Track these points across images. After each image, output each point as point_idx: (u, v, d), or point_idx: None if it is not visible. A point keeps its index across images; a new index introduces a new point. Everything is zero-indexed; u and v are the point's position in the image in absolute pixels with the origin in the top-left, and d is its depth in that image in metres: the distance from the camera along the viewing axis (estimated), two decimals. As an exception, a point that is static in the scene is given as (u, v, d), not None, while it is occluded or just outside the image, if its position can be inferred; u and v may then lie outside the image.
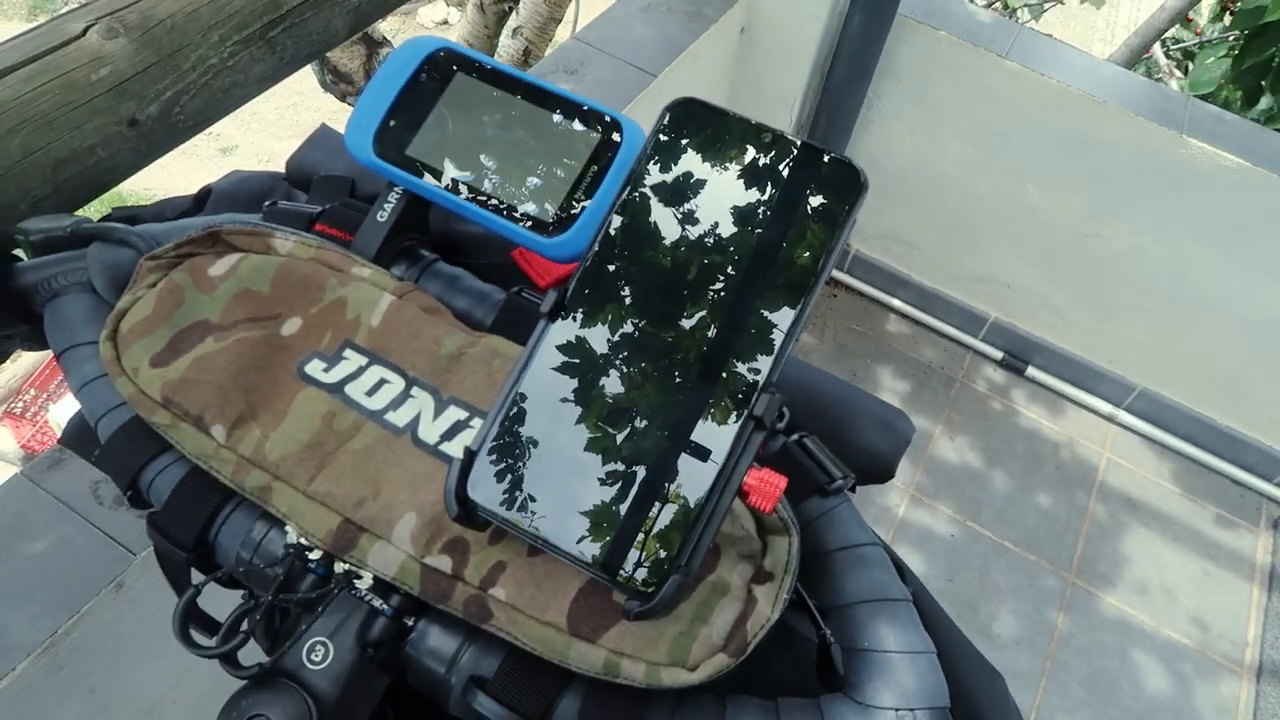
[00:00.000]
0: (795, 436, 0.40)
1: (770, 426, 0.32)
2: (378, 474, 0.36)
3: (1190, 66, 2.82)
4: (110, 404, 0.40)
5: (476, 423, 0.37)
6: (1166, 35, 2.73)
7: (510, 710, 0.33)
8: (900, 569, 0.41)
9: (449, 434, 0.37)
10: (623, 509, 0.31)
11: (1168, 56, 2.98)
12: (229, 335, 0.39)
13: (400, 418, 0.37)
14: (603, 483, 0.31)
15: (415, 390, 0.38)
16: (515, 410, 0.33)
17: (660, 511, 0.31)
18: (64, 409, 4.38)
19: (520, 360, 0.33)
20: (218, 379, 0.37)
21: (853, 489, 0.40)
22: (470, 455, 0.32)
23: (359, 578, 0.36)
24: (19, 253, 0.48)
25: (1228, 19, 2.68)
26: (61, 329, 0.43)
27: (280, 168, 0.57)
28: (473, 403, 0.37)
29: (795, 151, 0.34)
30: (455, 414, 0.37)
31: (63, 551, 0.83)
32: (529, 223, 0.39)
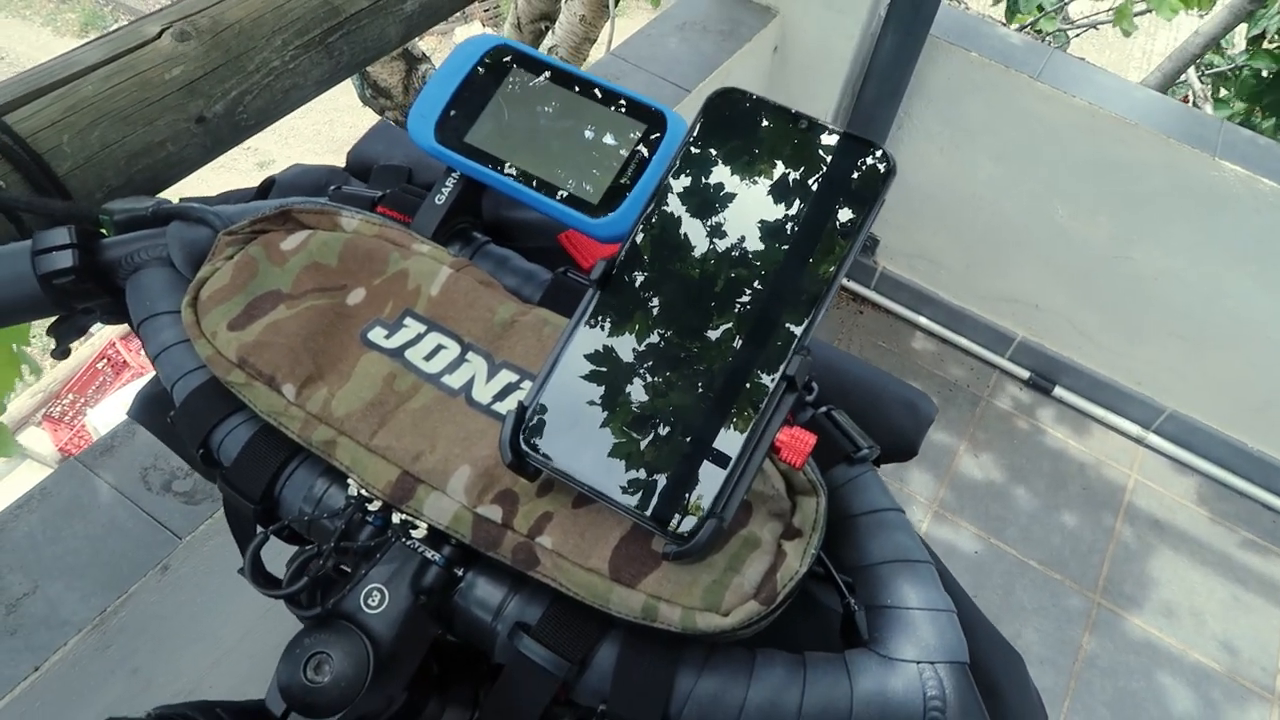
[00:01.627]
0: (824, 409, 0.42)
1: (801, 386, 0.34)
2: (434, 430, 0.39)
3: (1223, 90, 2.82)
4: (186, 368, 0.43)
5: (527, 385, 0.40)
6: (1200, 60, 2.74)
7: (554, 653, 0.36)
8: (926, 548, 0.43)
9: (501, 395, 0.39)
10: (663, 459, 0.33)
11: (1201, 81, 2.98)
12: (299, 303, 0.42)
13: (456, 380, 0.40)
14: (646, 436, 0.34)
15: (470, 355, 0.41)
16: (566, 370, 0.35)
17: (699, 463, 0.33)
18: (101, 413, 4.48)
19: (570, 324, 0.36)
20: (289, 342, 0.40)
21: (877, 462, 0.42)
22: (523, 409, 0.35)
23: (414, 528, 0.38)
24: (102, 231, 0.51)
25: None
26: (142, 300, 0.46)
27: None
28: (524, 366, 0.40)
29: (829, 137, 0.37)
30: (507, 377, 0.40)
31: (113, 534, 0.86)
32: (578, 204, 0.42)
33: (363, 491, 0.39)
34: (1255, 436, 1.93)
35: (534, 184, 0.43)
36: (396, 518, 0.39)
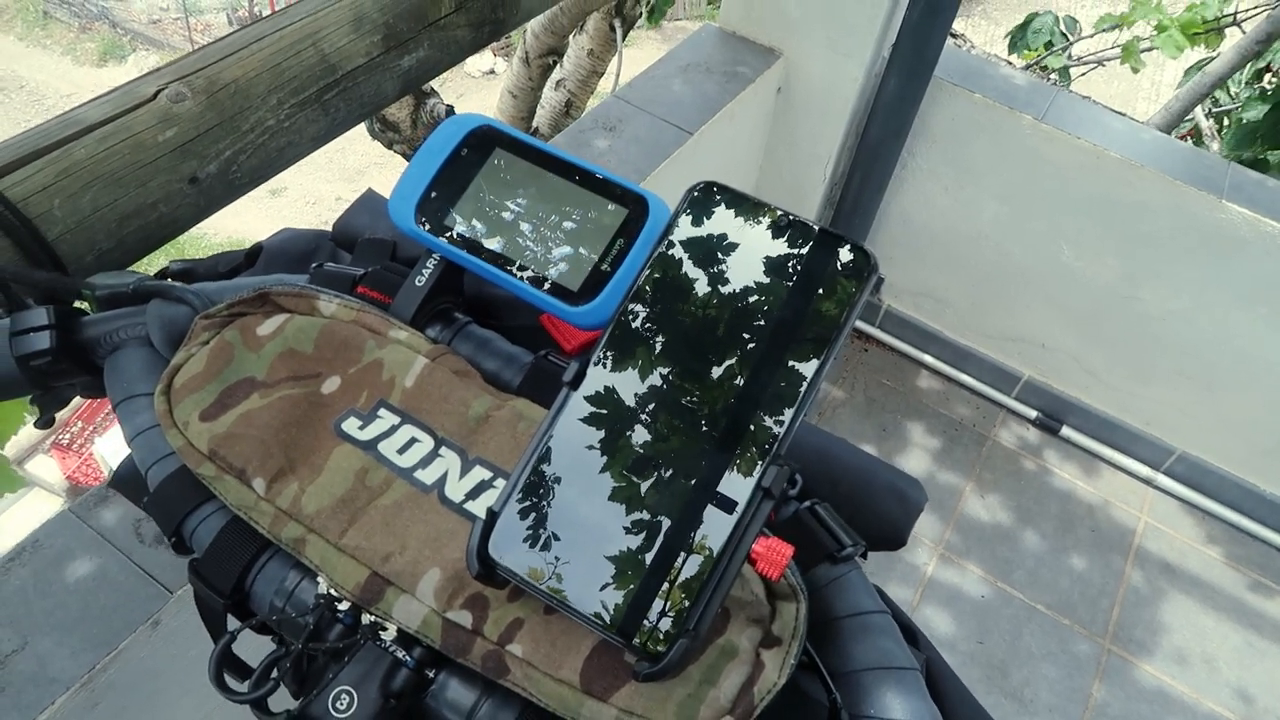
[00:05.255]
0: (807, 503, 0.41)
1: (779, 496, 0.33)
2: (405, 530, 0.38)
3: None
4: (161, 453, 0.43)
5: (500, 483, 0.39)
6: (1208, 98, 2.73)
7: None
8: (913, 636, 0.42)
9: (474, 493, 0.39)
10: (634, 573, 0.33)
11: (1209, 119, 2.97)
12: (273, 392, 0.41)
13: (429, 476, 0.39)
14: (617, 547, 0.33)
15: (444, 450, 0.40)
16: (536, 474, 0.34)
17: (672, 576, 0.32)
18: (109, 442, 4.49)
19: (542, 426, 0.35)
20: (261, 434, 0.40)
21: (864, 556, 0.41)
22: (492, 516, 0.34)
23: (384, 629, 0.37)
24: (84, 306, 0.51)
25: (1267, 80, 2.68)
26: (120, 380, 0.46)
27: (326, 210, 0.61)
28: (497, 464, 0.39)
29: (810, 236, 0.36)
30: (480, 474, 0.39)
31: (103, 587, 0.85)
32: (557, 292, 0.42)
33: (331, 591, 0.38)
34: (1267, 479, 1.90)
35: (513, 270, 0.42)
36: (366, 617, 0.38)
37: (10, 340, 0.46)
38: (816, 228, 0.36)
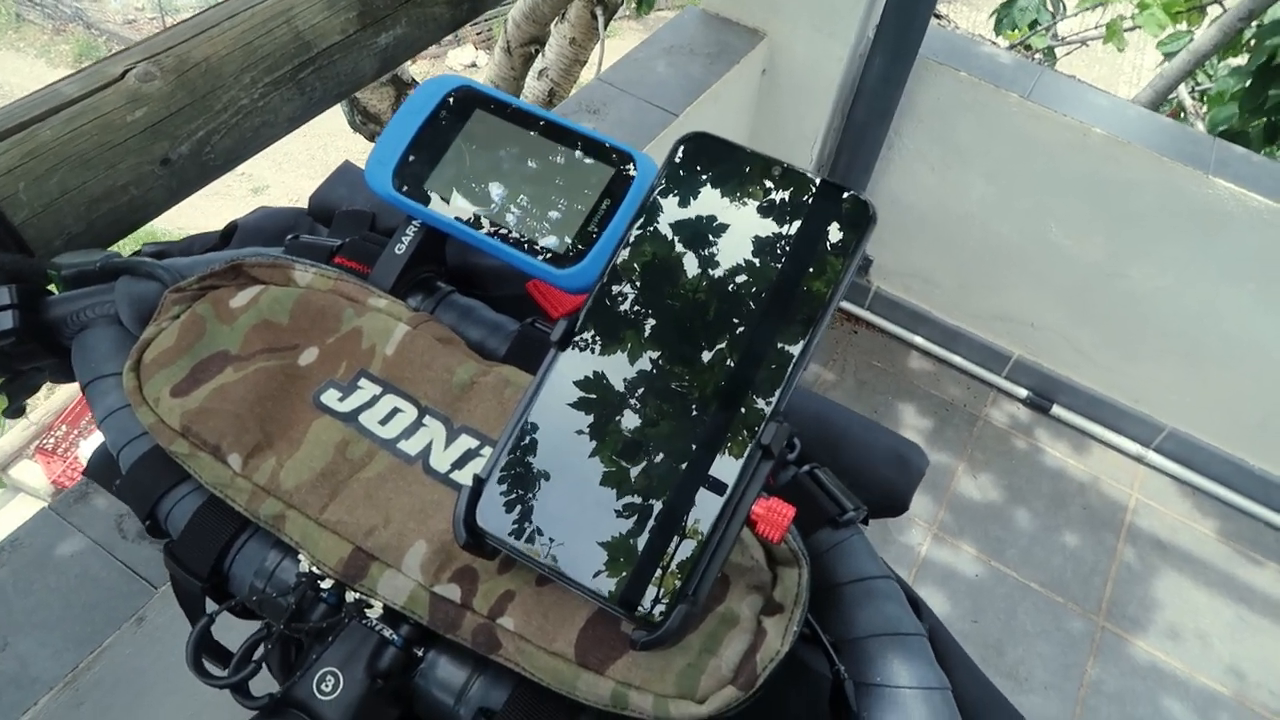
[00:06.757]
0: (807, 468, 0.39)
1: (778, 456, 0.32)
2: (389, 502, 0.36)
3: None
4: (132, 434, 0.41)
5: (487, 451, 0.37)
6: (1191, 76, 2.74)
7: None
8: (916, 605, 0.40)
9: (460, 463, 0.37)
10: (630, 538, 0.31)
11: (1192, 97, 2.98)
12: (248, 365, 0.39)
13: (412, 446, 0.38)
14: (611, 512, 0.32)
15: (427, 419, 0.38)
16: (525, 439, 0.33)
17: (667, 541, 0.31)
18: (94, 445, 4.44)
19: (530, 389, 0.34)
20: (236, 408, 0.38)
21: (865, 521, 0.40)
22: (479, 483, 0.33)
23: (369, 607, 0.36)
24: (51, 288, 0.49)
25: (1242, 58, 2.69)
26: (87, 361, 0.44)
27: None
28: (484, 431, 0.38)
29: (804, 185, 0.34)
30: (466, 443, 0.38)
31: (86, 585, 0.83)
32: (543, 254, 0.40)
33: (313, 568, 0.36)
34: (1256, 454, 1.91)
35: (497, 233, 0.41)
36: (351, 595, 0.36)
37: None
38: (814, 177, 0.34)
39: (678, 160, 0.36)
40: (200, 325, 0.40)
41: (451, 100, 0.44)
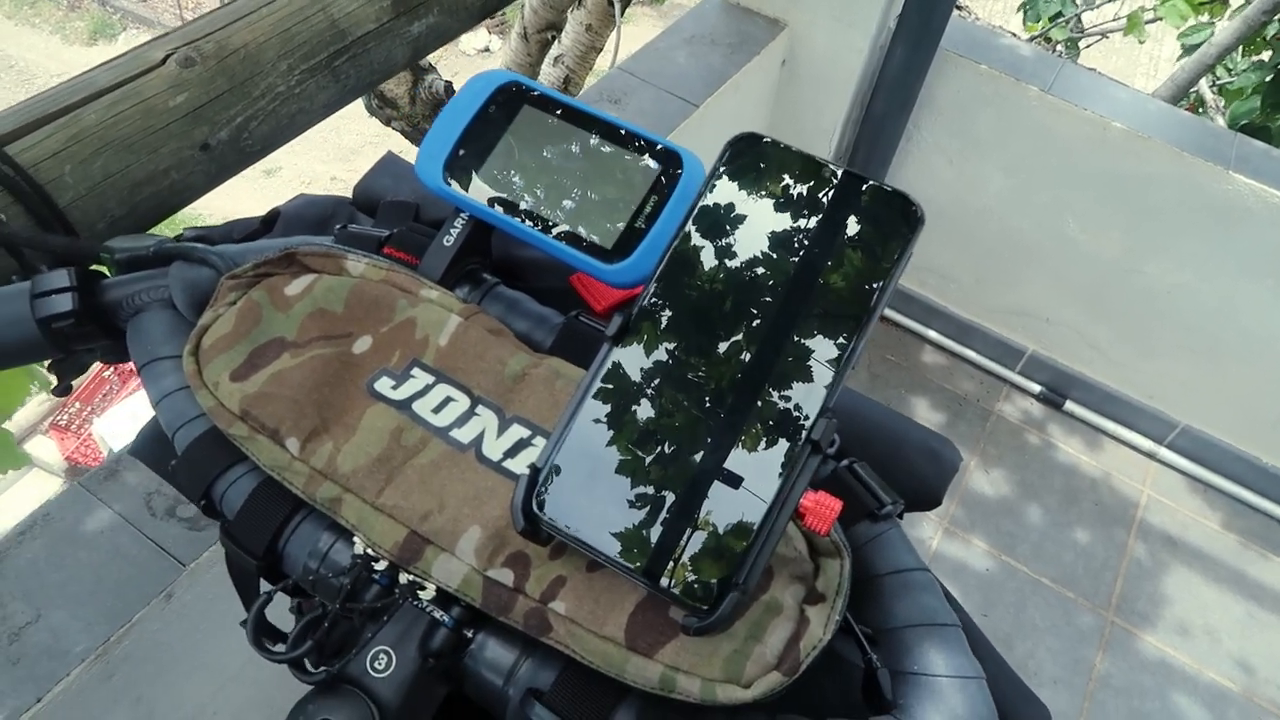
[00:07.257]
0: (846, 462, 0.40)
1: (825, 451, 0.33)
2: (443, 488, 0.37)
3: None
4: (188, 416, 0.42)
5: (539, 441, 0.38)
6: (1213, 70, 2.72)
7: None
8: (949, 599, 0.41)
9: (511, 451, 0.38)
10: (683, 528, 0.32)
11: (1213, 91, 2.96)
12: (304, 352, 0.40)
13: (465, 434, 0.39)
14: (664, 502, 0.33)
15: (480, 408, 0.39)
16: (580, 430, 0.34)
17: (720, 531, 0.32)
18: (107, 422, 4.48)
19: (585, 381, 0.35)
20: (293, 394, 0.39)
21: (901, 515, 0.41)
22: (536, 472, 0.34)
23: (422, 589, 0.37)
24: (103, 270, 0.50)
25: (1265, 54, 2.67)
26: (143, 343, 0.45)
27: (321, 190, 0.59)
28: (535, 422, 0.39)
29: (853, 186, 0.35)
30: (518, 432, 0.39)
31: (116, 560, 0.85)
32: (590, 250, 0.41)
33: (368, 550, 0.37)
34: (1270, 452, 1.91)
35: (545, 228, 0.42)
36: (404, 577, 0.37)
37: (31, 302, 0.45)
38: (860, 177, 0.35)
39: (729, 159, 0.37)
40: (257, 312, 0.41)
41: (501, 95, 0.44)
